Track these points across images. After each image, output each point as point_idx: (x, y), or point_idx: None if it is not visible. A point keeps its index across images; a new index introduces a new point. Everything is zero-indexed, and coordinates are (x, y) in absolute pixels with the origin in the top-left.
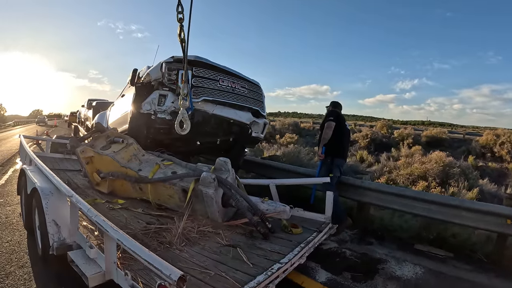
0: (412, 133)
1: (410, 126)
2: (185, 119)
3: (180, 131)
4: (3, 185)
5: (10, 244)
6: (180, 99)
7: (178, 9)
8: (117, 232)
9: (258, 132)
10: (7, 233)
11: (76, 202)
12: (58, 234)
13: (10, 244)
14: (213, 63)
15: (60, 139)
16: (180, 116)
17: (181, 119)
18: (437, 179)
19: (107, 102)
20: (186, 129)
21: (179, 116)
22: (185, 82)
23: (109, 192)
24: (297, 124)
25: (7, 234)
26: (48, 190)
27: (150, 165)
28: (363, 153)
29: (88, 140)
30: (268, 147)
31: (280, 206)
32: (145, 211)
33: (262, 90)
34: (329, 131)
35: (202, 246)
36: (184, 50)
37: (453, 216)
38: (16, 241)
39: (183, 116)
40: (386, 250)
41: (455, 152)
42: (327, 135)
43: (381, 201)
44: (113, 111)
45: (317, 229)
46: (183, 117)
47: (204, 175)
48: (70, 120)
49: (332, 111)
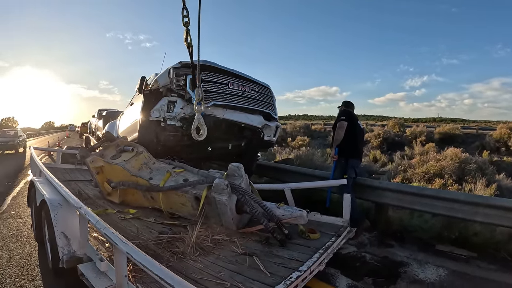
0: (424, 131)
1: (422, 124)
2: (201, 124)
3: (197, 137)
4: (14, 197)
5: (21, 257)
6: (194, 105)
7: (183, 13)
8: (126, 245)
9: (271, 135)
10: (18, 245)
11: (84, 213)
12: (67, 247)
13: (21, 256)
14: (222, 67)
15: (71, 149)
16: (196, 122)
17: (197, 124)
18: (453, 176)
19: (117, 111)
20: (203, 134)
21: (195, 121)
22: (198, 86)
23: (121, 201)
24: (308, 127)
25: (18, 246)
26: (56, 201)
27: (161, 173)
28: (376, 153)
29: (98, 150)
30: (280, 151)
31: (296, 211)
32: (157, 220)
33: (273, 92)
34: (341, 132)
35: (217, 255)
36: (191, 55)
37: (475, 214)
38: (27, 254)
39: (199, 121)
40: (407, 253)
41: (469, 147)
42: (339, 135)
43: (400, 201)
44: (122, 120)
45: (335, 233)
46: (199, 122)
47: (217, 182)
48: (81, 130)
49: (344, 110)
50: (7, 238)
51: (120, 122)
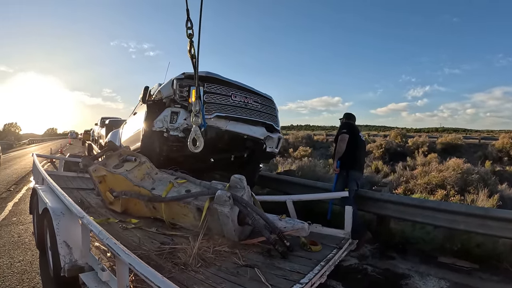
0: (426, 141)
1: (424, 134)
2: (198, 136)
3: (193, 149)
4: (16, 203)
5: (22, 264)
6: (192, 116)
7: (187, 24)
8: (129, 256)
9: (273, 147)
10: (19, 252)
11: (87, 223)
12: (69, 256)
13: (22, 264)
14: (225, 78)
15: (73, 157)
16: (193, 134)
17: (194, 136)
18: (455, 187)
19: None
20: (199, 146)
21: (192, 133)
22: (197, 98)
23: (123, 211)
24: (311, 137)
25: (19, 253)
26: (59, 210)
27: (163, 183)
28: (378, 164)
29: (100, 159)
30: (282, 161)
31: (298, 223)
32: (159, 231)
33: (275, 104)
34: (343, 144)
35: (218, 266)
36: (194, 66)
37: (478, 225)
38: (28, 261)
39: (196, 133)
40: (409, 265)
41: (472, 157)
42: (341, 148)
43: (402, 213)
44: (125, 129)
45: (337, 245)
46: (195, 134)
47: (219, 193)
48: (84, 138)
49: (346, 123)
50: (8, 244)
51: (123, 131)
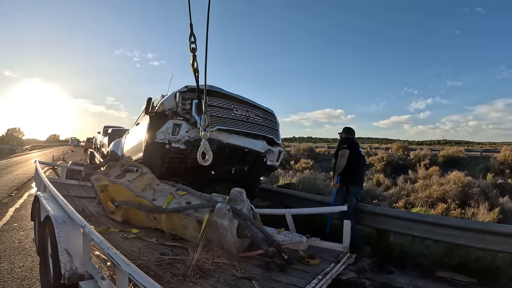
0: (428, 154)
1: (426, 147)
2: (207, 150)
3: (202, 162)
4: (17, 209)
5: (22, 270)
6: (201, 130)
7: (190, 39)
8: (129, 267)
9: (273, 160)
10: (20, 258)
11: (88, 232)
12: (70, 264)
13: (22, 269)
14: (227, 92)
15: (75, 165)
16: (202, 147)
17: (203, 149)
18: (456, 200)
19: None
20: (208, 159)
21: (201, 147)
22: (205, 113)
23: (123, 220)
24: (312, 149)
25: (19, 259)
26: (61, 219)
27: (164, 195)
28: (379, 177)
29: (103, 168)
30: (283, 174)
31: (296, 237)
32: (159, 241)
33: (276, 118)
34: (343, 160)
35: (217, 278)
36: (197, 80)
37: (476, 240)
38: (28, 267)
39: (205, 146)
40: (407, 279)
41: (473, 170)
42: (341, 163)
43: (400, 227)
44: (128, 139)
45: (334, 259)
46: (205, 148)
47: (219, 206)
48: (86, 145)
49: (346, 138)
50: (9, 250)
51: (125, 141)
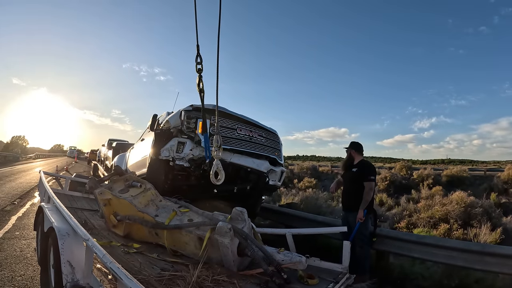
0: (431, 174)
1: (430, 166)
2: (220, 170)
3: (215, 181)
4: (20, 217)
5: (23, 279)
6: (213, 151)
7: (197, 60)
8: (131, 281)
9: (275, 180)
10: (21, 267)
11: (92, 246)
12: (72, 275)
13: (23, 278)
14: (231, 112)
15: (79, 177)
16: (215, 167)
17: (216, 169)
18: (459, 220)
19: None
20: (221, 179)
21: (214, 167)
22: (218, 134)
23: (125, 235)
24: (316, 168)
25: (20, 268)
26: (65, 231)
27: (167, 211)
28: (382, 196)
29: (106, 182)
30: (286, 192)
31: (296, 257)
32: (160, 257)
33: (279, 138)
34: (372, 193)
35: None
36: (203, 101)
37: (476, 262)
38: (29, 276)
39: (218, 166)
40: None
41: (477, 190)
42: (369, 197)
43: (400, 249)
44: (132, 154)
45: (333, 279)
46: (217, 167)
47: (220, 225)
48: (90, 157)
49: (370, 165)
50: (10, 258)
51: (129, 156)
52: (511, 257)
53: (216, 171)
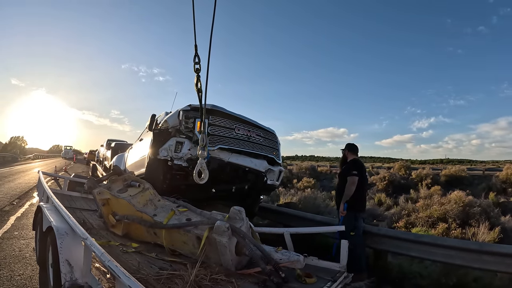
0: (430, 173)
1: (428, 166)
2: (203, 169)
3: (198, 180)
4: (19, 217)
5: (22, 278)
6: (198, 150)
7: (195, 59)
8: (129, 279)
9: (274, 179)
10: (20, 266)
11: (90, 245)
12: (70, 274)
13: (22, 278)
14: (229, 112)
15: (78, 177)
16: (199, 166)
17: (200, 168)
18: (457, 220)
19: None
20: (204, 178)
21: (198, 165)
22: (203, 133)
23: (124, 234)
24: (314, 168)
25: (19, 267)
26: (63, 230)
27: (165, 210)
28: (381, 196)
29: (105, 182)
30: (284, 192)
31: (294, 256)
32: (158, 256)
33: (277, 137)
34: (352, 188)
35: None
36: (201, 100)
37: (474, 260)
38: (28, 276)
39: (202, 165)
40: None
41: (476, 189)
42: (350, 191)
43: (398, 248)
44: (131, 154)
45: (331, 278)
46: (201, 166)
47: (218, 224)
48: (89, 158)
49: (355, 162)
50: (9, 258)
51: (128, 156)
52: (509, 256)
53: (200, 170)
